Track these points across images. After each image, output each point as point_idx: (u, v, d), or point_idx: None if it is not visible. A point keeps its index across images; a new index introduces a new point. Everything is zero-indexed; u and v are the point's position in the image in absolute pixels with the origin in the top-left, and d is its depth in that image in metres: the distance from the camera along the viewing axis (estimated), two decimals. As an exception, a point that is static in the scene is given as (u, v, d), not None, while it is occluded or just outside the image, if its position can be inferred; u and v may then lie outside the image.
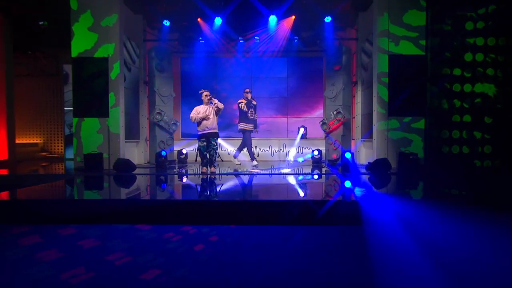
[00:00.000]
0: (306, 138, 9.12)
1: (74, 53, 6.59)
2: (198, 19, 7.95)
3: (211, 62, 9.13)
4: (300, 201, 3.57)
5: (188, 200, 3.73)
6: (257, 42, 8.53)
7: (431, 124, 6.44)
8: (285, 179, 5.83)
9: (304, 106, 9.24)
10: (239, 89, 9.12)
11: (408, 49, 6.58)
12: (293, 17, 7.85)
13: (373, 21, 6.80)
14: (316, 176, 6.02)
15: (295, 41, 8.54)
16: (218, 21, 7.88)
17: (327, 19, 7.80)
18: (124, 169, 6.09)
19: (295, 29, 8.21)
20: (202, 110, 6.04)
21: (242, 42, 8.64)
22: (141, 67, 8.16)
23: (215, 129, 6.11)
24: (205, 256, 2.63)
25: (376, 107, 6.68)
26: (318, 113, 9.21)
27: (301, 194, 4.20)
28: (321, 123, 7.96)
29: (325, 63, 8.69)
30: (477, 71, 6.45)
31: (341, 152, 7.42)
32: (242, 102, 7.17)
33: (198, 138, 6.17)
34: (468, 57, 6.43)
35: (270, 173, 6.19)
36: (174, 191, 4.69)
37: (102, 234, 3.14)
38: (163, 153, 6.86)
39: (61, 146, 10.22)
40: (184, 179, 5.75)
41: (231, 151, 9.05)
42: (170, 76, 8.18)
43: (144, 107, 8.26)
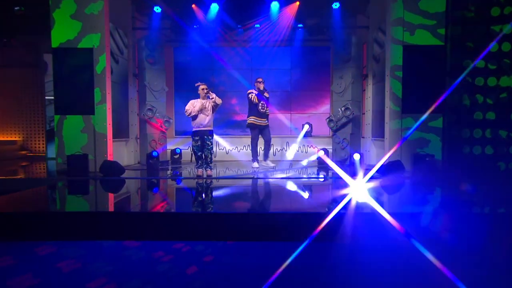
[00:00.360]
0: (311, 136, 8.96)
1: (55, 43, 6.40)
2: (193, 6, 7.74)
3: (208, 53, 8.92)
4: (307, 214, 3.43)
5: (180, 213, 3.59)
6: (258, 31, 8.35)
7: (450, 122, 6.27)
8: (289, 185, 5.69)
9: (309, 101, 9.07)
10: (238, 82, 8.96)
11: (425, 39, 6.36)
12: (298, 3, 7.66)
13: (386, 8, 6.59)
14: (322, 180, 5.87)
15: (300, 30, 8.35)
16: (215, 8, 7.67)
17: (335, 5, 7.62)
18: (112, 173, 5.95)
19: (300, 17, 8.02)
20: (198, 105, 5.89)
21: (241, 31, 8.45)
22: (130, 58, 7.97)
23: (210, 127, 5.98)
24: (198, 282, 2.50)
25: (389, 104, 6.51)
26: (324, 109, 9.05)
27: (309, 205, 4.06)
28: (328, 121, 7.80)
29: (333, 54, 8.51)
30: (503, 63, 6.25)
31: (350, 153, 7.28)
32: (252, 93, 6.78)
33: (192, 136, 6.03)
34: (494, 47, 6.23)
35: (272, 177, 6.04)
36: (166, 201, 4.55)
37: (85, 254, 3.02)
38: (155, 154, 6.71)
39: (43, 144, 10.06)
40: (177, 185, 5.61)
41: (230, 150, 8.92)
42: (163, 69, 7.99)
43: (134, 102, 8.10)
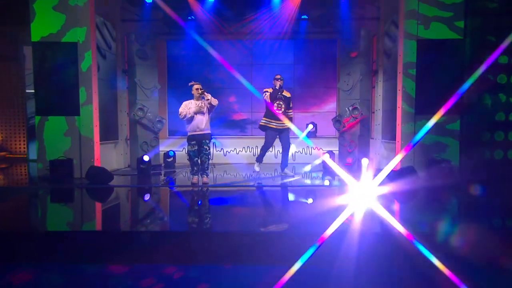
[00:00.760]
0: (316, 137, 8.79)
1: (35, 37, 6.20)
2: (187, -5, 7.53)
3: (203, 47, 8.67)
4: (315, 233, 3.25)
5: (173, 232, 3.42)
6: (258, 23, 8.11)
7: (469, 124, 6.09)
8: (291, 194, 5.52)
9: (314, 99, 8.88)
10: (236, 79, 8.77)
11: (441, 33, 6.18)
12: (302, -8, 7.45)
13: (399, -1, 6.40)
14: (328, 185, 5.70)
15: (304, 21, 8.14)
16: (211, -3, 7.48)
17: (343, -5, 7.41)
18: (99, 180, 5.77)
19: (304, 6, 7.78)
20: (193, 107, 5.72)
21: (240, 22, 8.22)
22: (119, 53, 7.77)
23: (207, 130, 5.80)
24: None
25: (401, 104, 6.33)
26: (330, 107, 8.87)
27: (317, 223, 3.88)
28: (334, 121, 7.62)
29: (339, 47, 8.31)
30: (529, 59, 6.07)
31: (357, 157, 7.11)
32: (267, 92, 6.51)
33: (187, 141, 5.85)
34: (518, 41, 6.04)
35: (273, 185, 5.86)
36: (156, 216, 4.37)
37: (64, 282, 2.84)
38: (146, 159, 6.53)
39: (24, 144, 9.85)
40: (170, 195, 5.43)
41: (228, 151, 8.74)
42: (154, 64, 7.79)
43: (124, 101, 7.91)
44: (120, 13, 7.81)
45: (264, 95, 6.47)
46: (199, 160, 5.85)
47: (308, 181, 6.24)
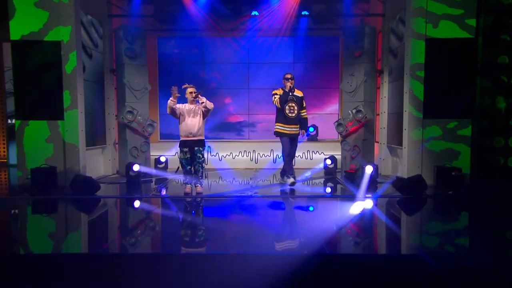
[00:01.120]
0: (317, 140, 8.69)
1: (15, 35, 6.04)
2: (180, -12, 7.40)
3: (197, 44, 8.64)
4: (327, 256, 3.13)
5: (161, 255, 3.29)
6: (256, 18, 8.04)
7: (481, 129, 6.00)
8: (293, 205, 5.41)
9: (315, 100, 8.77)
10: (232, 78, 8.69)
11: (451, 32, 6.08)
12: (302, -13, 7.35)
13: (406, -5, 6.29)
14: (329, 194, 5.58)
15: (305, 17, 8.03)
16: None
17: (346, -11, 7.32)
18: (84, 190, 5.63)
19: (305, 1, 7.71)
20: (186, 110, 5.64)
21: (237, 18, 8.09)
22: (106, 52, 7.61)
23: (201, 136, 5.68)
24: None
25: (408, 108, 6.23)
26: (332, 109, 8.77)
27: (325, 243, 3.75)
28: (336, 124, 7.49)
29: (342, 45, 8.21)
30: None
31: (361, 164, 7.00)
32: (276, 94, 6.15)
33: (179, 147, 5.72)
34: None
35: (274, 196, 5.74)
36: (145, 234, 4.23)
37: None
38: (136, 169, 6.40)
39: (3, 147, 9.65)
40: (161, 208, 5.29)
41: (223, 156, 8.61)
42: (144, 64, 7.62)
43: (111, 103, 7.76)
44: (107, 8, 7.64)
45: (274, 99, 6.12)
46: (193, 169, 5.73)
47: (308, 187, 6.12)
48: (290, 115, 6.08)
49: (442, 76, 6.15)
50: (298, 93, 6.24)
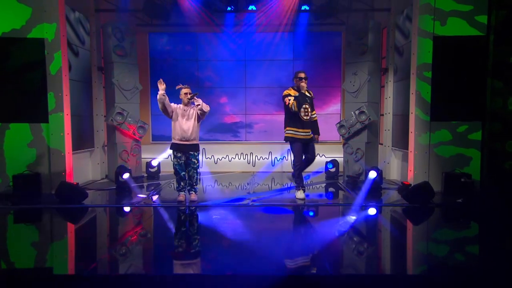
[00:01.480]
0: (318, 142, 8.58)
1: (-5, 32, 5.90)
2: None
3: (191, 40, 8.51)
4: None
5: (152, 276, 3.18)
6: (253, 13, 7.90)
7: (492, 133, 5.91)
8: (295, 216, 5.31)
9: (315, 99, 8.53)
10: (228, 77, 8.58)
11: (459, 29, 6.01)
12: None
13: (412, -10, 6.19)
14: (331, 202, 5.50)
15: (305, 12, 7.87)
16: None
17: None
18: (71, 198, 5.51)
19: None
20: (180, 112, 5.50)
21: (233, 13, 7.97)
22: (94, 48, 7.47)
23: (195, 140, 5.56)
24: None
25: (415, 110, 6.14)
26: (334, 109, 8.66)
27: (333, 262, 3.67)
28: (339, 126, 7.40)
29: (345, 42, 8.09)
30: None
31: (364, 168, 6.92)
32: (290, 96, 5.65)
33: (172, 151, 5.60)
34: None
35: (272, 204, 5.64)
36: (134, 250, 4.13)
37: None
38: (126, 177, 6.30)
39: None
40: (152, 220, 5.18)
41: (219, 159, 8.51)
42: (135, 62, 7.49)
43: (100, 104, 7.63)
44: (94, 2, 7.50)
45: (289, 103, 5.61)
46: (186, 175, 5.62)
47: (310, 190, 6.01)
48: (305, 118, 5.69)
49: (451, 77, 6.08)
50: (309, 93, 5.88)
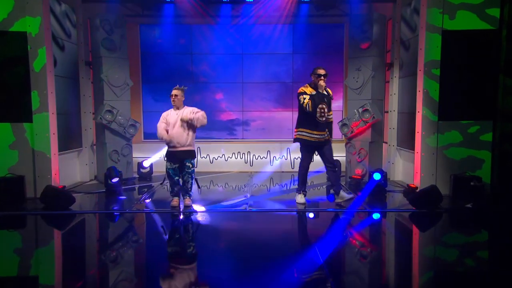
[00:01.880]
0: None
1: (-27, 27, 5.72)
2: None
3: (185, 32, 8.39)
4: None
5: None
6: (251, 4, 7.76)
7: (504, 133, 5.80)
8: (294, 223, 5.21)
9: (303, 101, 8.55)
10: (224, 71, 8.45)
11: (469, 23, 5.87)
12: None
13: (419, -19, 6.05)
14: (338, 216, 5.39)
15: (306, 2, 7.77)
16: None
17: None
18: (57, 204, 5.38)
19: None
20: (173, 118, 5.33)
21: (229, 3, 7.83)
22: (81, 42, 7.29)
23: (190, 146, 5.42)
24: None
25: (422, 109, 6.03)
26: (335, 105, 8.55)
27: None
28: (341, 125, 7.29)
29: (347, 34, 7.95)
30: None
31: (368, 169, 6.83)
32: (305, 95, 5.31)
33: (166, 156, 5.50)
34: None
35: (271, 210, 5.52)
36: (124, 265, 4.01)
37: None
38: (114, 181, 6.18)
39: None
40: (144, 228, 5.07)
41: (215, 158, 8.38)
42: (125, 56, 7.32)
43: (88, 101, 7.47)
44: (81, -7, 7.30)
45: (303, 101, 5.28)
46: (180, 180, 5.50)
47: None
48: (321, 119, 5.38)
49: (460, 74, 5.96)
50: (328, 92, 5.52)
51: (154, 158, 7.73)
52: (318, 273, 3.40)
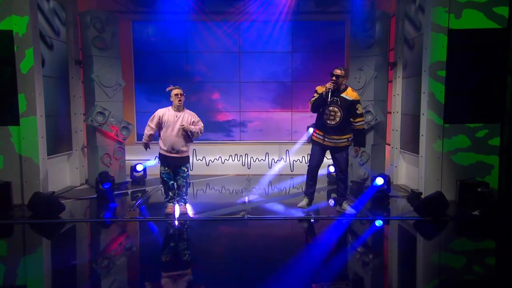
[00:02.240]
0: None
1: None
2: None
3: (180, 30, 8.27)
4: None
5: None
6: (249, 0, 7.66)
7: None
8: (294, 232, 5.12)
9: (312, 96, 8.48)
10: (221, 70, 8.37)
11: (476, 22, 5.80)
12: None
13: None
14: (338, 224, 5.30)
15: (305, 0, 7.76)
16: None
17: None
18: (45, 212, 5.28)
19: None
20: (171, 119, 5.19)
21: (227, 1, 7.73)
22: (71, 40, 7.16)
23: (186, 153, 5.36)
24: None
25: (427, 112, 5.95)
26: (337, 106, 8.46)
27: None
28: (342, 126, 7.20)
29: (349, 32, 7.88)
30: None
31: (369, 174, 6.76)
32: (316, 94, 5.28)
33: (160, 160, 5.39)
34: None
35: (270, 218, 5.43)
36: (117, 275, 3.92)
37: None
38: (106, 186, 6.10)
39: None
40: (138, 237, 4.99)
41: (211, 161, 8.29)
42: (117, 56, 7.21)
43: (78, 101, 7.35)
44: (71, -12, 7.17)
45: (311, 99, 5.31)
46: (175, 185, 5.41)
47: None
48: (329, 123, 5.24)
49: (466, 74, 5.89)
50: (349, 95, 5.23)
51: (148, 164, 7.61)
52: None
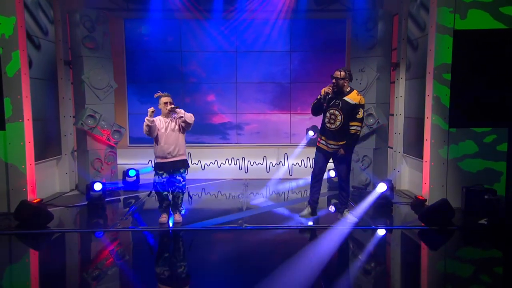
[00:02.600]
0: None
1: None
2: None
3: (174, 29, 8.22)
4: None
5: None
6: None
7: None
8: (293, 243, 5.01)
9: (315, 97, 8.36)
10: (216, 70, 8.32)
11: (482, 22, 5.76)
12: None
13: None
14: (339, 233, 5.22)
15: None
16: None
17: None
18: (33, 221, 5.17)
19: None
20: (163, 125, 5.19)
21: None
22: (59, 39, 7.07)
23: (182, 156, 5.28)
24: None
25: (432, 116, 5.90)
26: (337, 108, 8.40)
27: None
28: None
29: (350, 31, 7.83)
30: None
31: (372, 180, 6.71)
32: (320, 95, 5.24)
33: (154, 169, 5.33)
34: None
35: (268, 228, 5.34)
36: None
37: None
38: (97, 188, 6.00)
39: None
40: (131, 249, 4.90)
41: (207, 165, 8.22)
42: (108, 56, 7.11)
43: (68, 103, 7.26)
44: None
45: (315, 100, 5.31)
46: (170, 195, 5.31)
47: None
48: (329, 127, 5.20)
49: (472, 77, 5.79)
50: (352, 98, 5.17)
51: (141, 171, 7.55)
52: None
